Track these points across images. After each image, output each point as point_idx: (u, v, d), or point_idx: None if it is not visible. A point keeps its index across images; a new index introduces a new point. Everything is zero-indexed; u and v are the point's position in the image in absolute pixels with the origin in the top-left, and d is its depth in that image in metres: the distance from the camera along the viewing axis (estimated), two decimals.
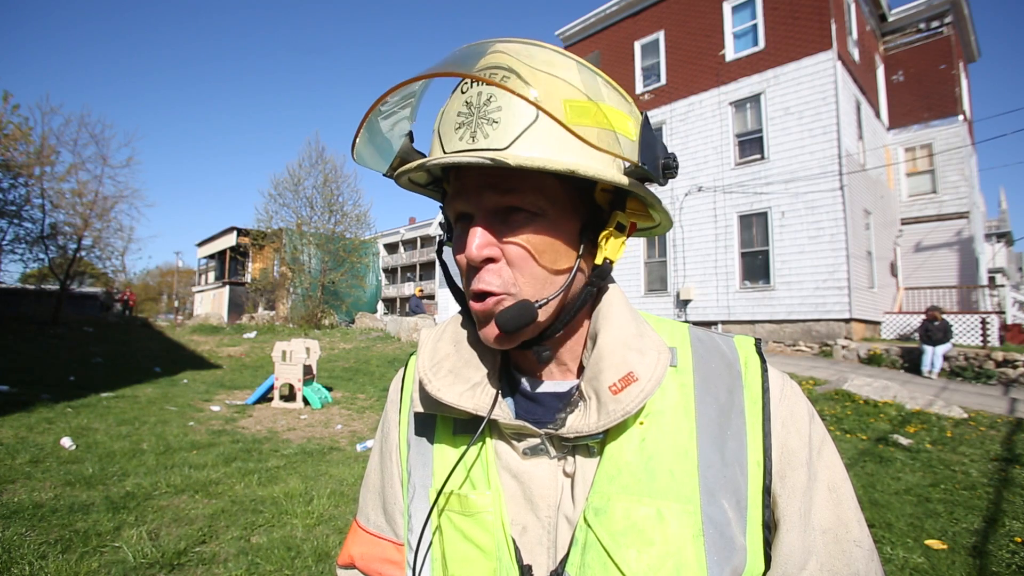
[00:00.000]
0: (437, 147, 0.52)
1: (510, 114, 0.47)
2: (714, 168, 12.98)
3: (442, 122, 0.52)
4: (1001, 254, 17.61)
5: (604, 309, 0.57)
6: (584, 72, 0.49)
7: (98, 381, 8.86)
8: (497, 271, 0.50)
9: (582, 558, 0.49)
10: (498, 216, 0.51)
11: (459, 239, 0.54)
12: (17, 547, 2.80)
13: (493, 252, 0.50)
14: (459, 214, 0.53)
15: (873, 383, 7.32)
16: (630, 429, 0.53)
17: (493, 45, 0.49)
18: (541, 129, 0.47)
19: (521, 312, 0.49)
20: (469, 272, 0.52)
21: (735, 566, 0.48)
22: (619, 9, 15.15)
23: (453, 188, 0.54)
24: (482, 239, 0.50)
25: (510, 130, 0.47)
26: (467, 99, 0.49)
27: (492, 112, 0.47)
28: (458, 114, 0.50)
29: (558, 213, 0.51)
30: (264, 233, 22.95)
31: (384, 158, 0.56)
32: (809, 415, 0.55)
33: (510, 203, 0.50)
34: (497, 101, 0.47)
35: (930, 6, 14.39)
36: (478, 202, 0.51)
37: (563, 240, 0.52)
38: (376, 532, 0.65)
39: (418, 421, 0.62)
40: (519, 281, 0.51)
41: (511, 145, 0.47)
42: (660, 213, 0.56)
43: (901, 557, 3.04)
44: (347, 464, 4.79)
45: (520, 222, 0.50)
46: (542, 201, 0.50)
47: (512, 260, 0.51)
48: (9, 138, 14.70)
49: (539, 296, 0.51)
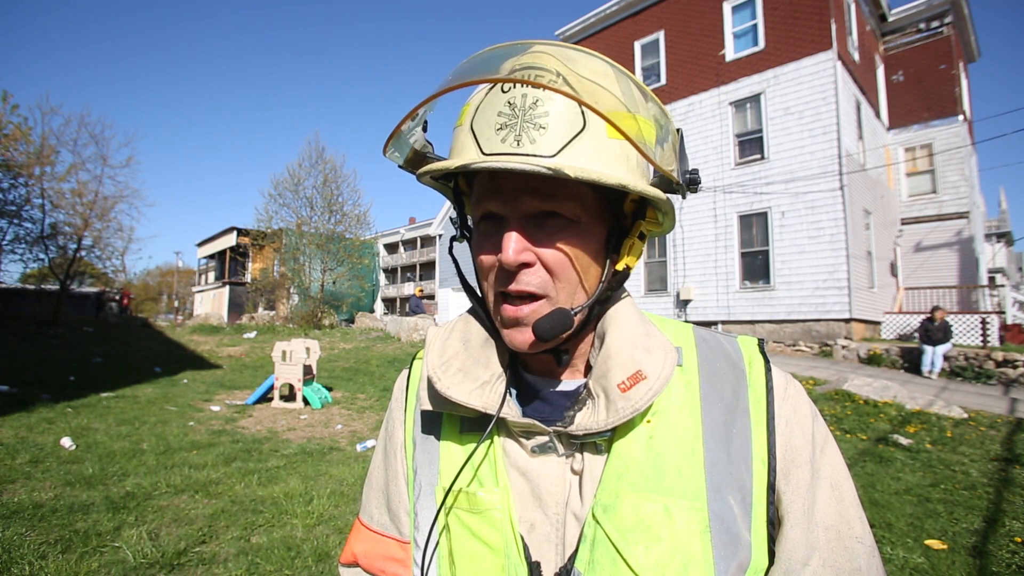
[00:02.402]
0: (471, 145, 0.50)
1: (558, 120, 0.47)
2: (714, 168, 12.99)
3: (478, 120, 0.50)
4: (1001, 254, 17.62)
5: (611, 310, 0.57)
6: (621, 79, 0.48)
7: (98, 381, 8.86)
8: (534, 273, 0.50)
9: (591, 554, 0.49)
10: (533, 221, 0.50)
11: (485, 239, 0.53)
12: (17, 547, 2.80)
13: (529, 257, 0.50)
14: (487, 214, 0.53)
15: (873, 383, 7.32)
16: (637, 427, 0.53)
17: (533, 45, 0.49)
18: (588, 138, 0.47)
19: (560, 320, 0.50)
20: (501, 275, 0.52)
21: (741, 561, 0.49)
22: (619, 9, 15.15)
23: (484, 188, 0.52)
24: (518, 243, 0.49)
25: (559, 137, 0.46)
26: (509, 99, 0.48)
27: (539, 117, 0.47)
28: (499, 114, 0.48)
29: (590, 221, 0.52)
30: (264, 233, 22.96)
31: (400, 149, 0.55)
32: (812, 414, 0.56)
33: (549, 209, 0.50)
34: (544, 106, 0.47)
35: (930, 6, 14.40)
36: (515, 206, 0.50)
37: (593, 247, 0.52)
38: (380, 530, 0.65)
39: (424, 420, 0.62)
40: (556, 286, 0.51)
41: (559, 153, 0.46)
42: (669, 218, 0.56)
43: (901, 557, 3.04)
44: (347, 464, 4.79)
45: (556, 228, 0.50)
46: (578, 209, 0.50)
47: (549, 266, 0.51)
48: (9, 138, 14.69)
49: (572, 302, 0.52)
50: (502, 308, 0.52)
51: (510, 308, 0.51)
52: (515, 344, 0.52)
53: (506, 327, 0.53)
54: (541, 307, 0.51)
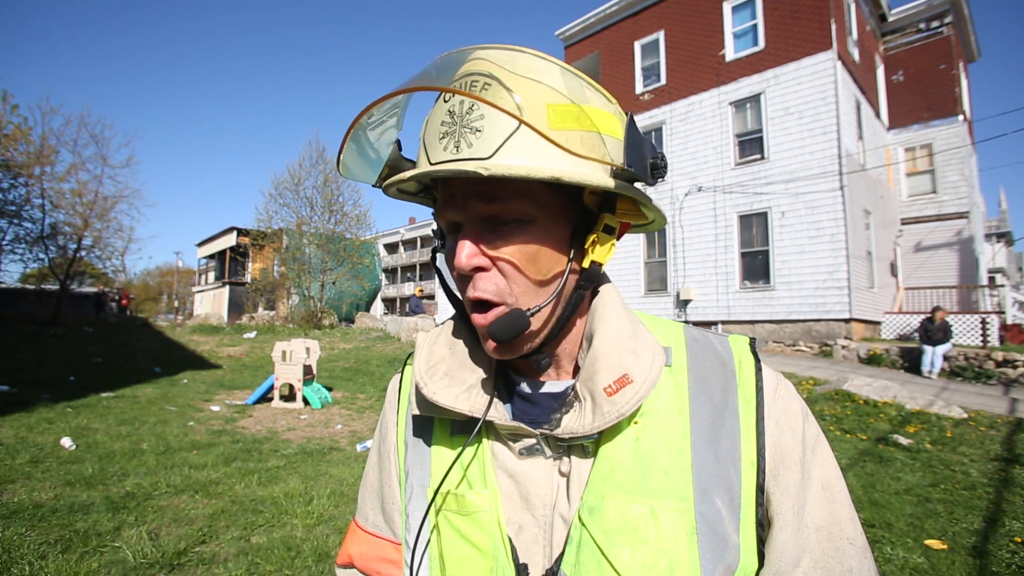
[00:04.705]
0: (423, 157, 0.51)
1: (492, 122, 0.47)
2: (714, 168, 12.98)
3: (427, 132, 0.51)
4: (1001, 254, 17.61)
5: (599, 310, 0.57)
6: (567, 76, 0.49)
7: (98, 381, 8.86)
8: (490, 278, 0.51)
9: (577, 556, 0.49)
10: (486, 224, 0.51)
11: (451, 248, 0.53)
12: (17, 547, 2.80)
13: (482, 262, 0.50)
14: (450, 223, 0.53)
15: (873, 383, 7.32)
16: (625, 429, 0.53)
17: (473, 52, 0.49)
18: (525, 136, 0.46)
19: (513, 321, 0.50)
20: (462, 281, 0.53)
21: (728, 564, 0.48)
22: (619, 9, 15.15)
23: (442, 197, 0.53)
24: (470, 249, 0.50)
25: (493, 139, 0.46)
26: (449, 108, 0.49)
27: (475, 121, 0.47)
28: (441, 123, 0.49)
29: (547, 219, 0.51)
30: (264, 233, 22.94)
31: (373, 169, 0.55)
32: (803, 414, 0.56)
33: (496, 212, 0.50)
34: (480, 110, 0.47)
35: (930, 6, 14.39)
36: (465, 212, 0.51)
37: (553, 246, 0.52)
38: (375, 532, 0.65)
39: (415, 422, 0.63)
40: (513, 290, 0.51)
41: (495, 154, 0.46)
42: (652, 211, 0.56)
43: (901, 557, 3.04)
44: (347, 464, 4.80)
45: (509, 231, 0.50)
46: (530, 208, 0.50)
47: (503, 269, 0.51)
48: (9, 138, 14.70)
49: (532, 304, 0.51)
50: (472, 317, 0.53)
51: (477, 317, 0.52)
52: (488, 352, 0.53)
53: (482, 339, 0.53)
54: (500, 310, 0.51)
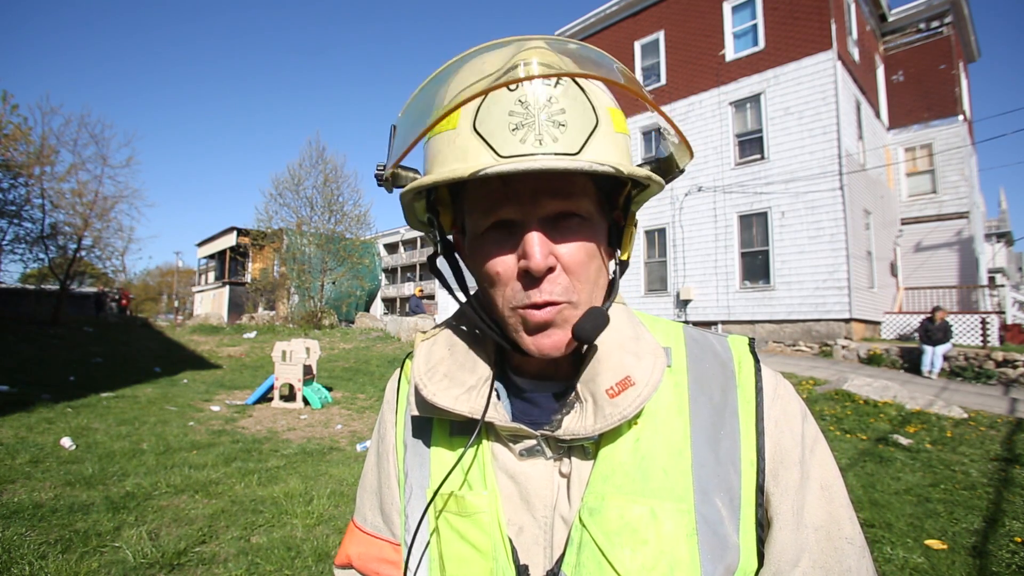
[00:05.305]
0: (480, 149, 0.46)
1: (575, 116, 0.46)
2: (714, 168, 12.98)
3: (484, 122, 0.46)
4: (1001, 254, 17.59)
5: None
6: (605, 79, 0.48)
7: (98, 381, 8.87)
8: (556, 279, 0.49)
9: (577, 557, 0.49)
10: (548, 223, 0.49)
11: (496, 248, 0.50)
12: (17, 547, 2.80)
13: (554, 261, 0.49)
14: (499, 222, 0.50)
15: (873, 383, 7.32)
16: (625, 430, 0.53)
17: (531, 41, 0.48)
18: (603, 133, 0.47)
19: (600, 320, 0.49)
20: (524, 282, 0.49)
21: (728, 564, 0.48)
22: (619, 9, 15.15)
23: (494, 195, 0.49)
24: (544, 247, 0.47)
25: (579, 134, 0.46)
26: (520, 97, 0.45)
27: (556, 114, 0.45)
28: (511, 114, 0.45)
29: (598, 216, 0.52)
30: (264, 233, 22.93)
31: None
32: (802, 414, 0.56)
33: (569, 209, 0.49)
34: (560, 102, 0.45)
35: (930, 6, 14.39)
36: (533, 209, 0.48)
37: (603, 243, 0.53)
38: (373, 532, 0.65)
39: (415, 423, 0.62)
40: (577, 288, 0.50)
41: (582, 149, 0.46)
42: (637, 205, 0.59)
43: (901, 557, 3.04)
44: (347, 464, 4.79)
45: (573, 228, 0.49)
46: (590, 206, 0.50)
47: (569, 267, 0.49)
48: (9, 138, 14.70)
49: (593, 301, 0.52)
50: (527, 314, 0.50)
51: (537, 313, 0.49)
52: (543, 349, 0.50)
53: (530, 333, 0.51)
54: (564, 310, 0.50)
